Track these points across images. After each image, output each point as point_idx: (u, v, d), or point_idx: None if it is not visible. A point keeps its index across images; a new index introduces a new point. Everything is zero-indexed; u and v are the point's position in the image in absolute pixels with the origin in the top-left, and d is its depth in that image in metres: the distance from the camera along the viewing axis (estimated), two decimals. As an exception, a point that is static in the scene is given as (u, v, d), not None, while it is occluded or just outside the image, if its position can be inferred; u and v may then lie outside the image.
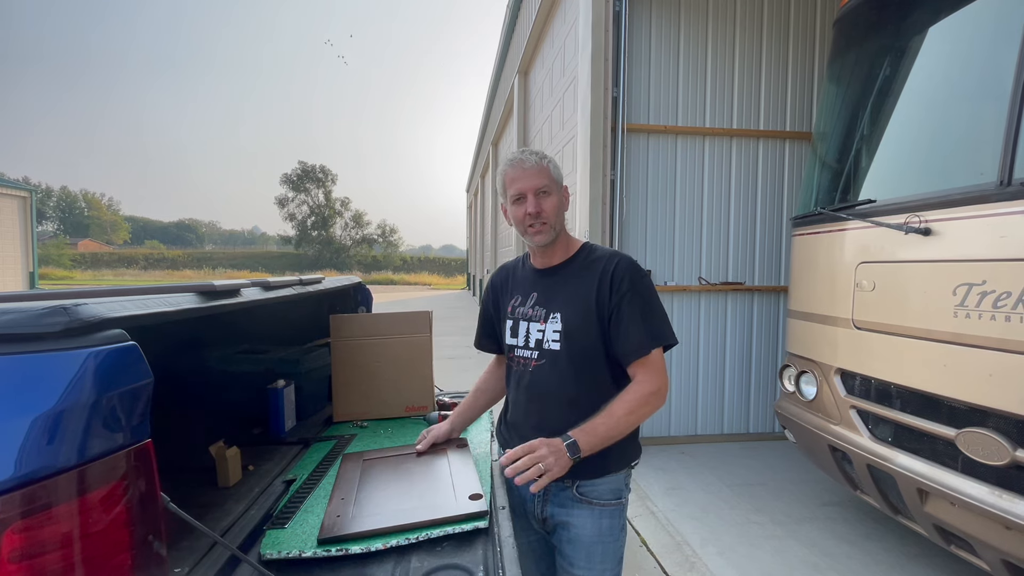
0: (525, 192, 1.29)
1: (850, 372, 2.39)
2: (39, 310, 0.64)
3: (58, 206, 75.15)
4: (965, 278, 1.85)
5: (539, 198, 1.29)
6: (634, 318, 1.27)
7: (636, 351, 1.26)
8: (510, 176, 1.31)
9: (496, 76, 11.50)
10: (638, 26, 3.88)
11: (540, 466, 1.12)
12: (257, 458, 1.55)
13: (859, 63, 2.63)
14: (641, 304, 1.28)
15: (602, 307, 1.29)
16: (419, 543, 1.10)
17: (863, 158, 2.52)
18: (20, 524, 0.58)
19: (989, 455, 1.75)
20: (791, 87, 4.08)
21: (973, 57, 2.07)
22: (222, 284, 1.10)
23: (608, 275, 1.30)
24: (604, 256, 1.35)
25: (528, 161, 1.30)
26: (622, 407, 1.24)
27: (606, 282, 1.29)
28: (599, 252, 1.37)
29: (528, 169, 1.29)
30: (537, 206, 1.28)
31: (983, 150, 1.90)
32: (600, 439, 1.21)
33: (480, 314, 1.61)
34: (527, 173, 1.29)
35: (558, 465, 1.14)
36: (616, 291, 1.28)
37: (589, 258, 1.37)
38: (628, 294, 1.28)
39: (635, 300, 1.28)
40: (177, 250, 60.80)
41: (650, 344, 1.26)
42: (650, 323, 1.28)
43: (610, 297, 1.28)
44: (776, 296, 4.13)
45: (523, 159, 1.30)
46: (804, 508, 3.02)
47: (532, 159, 1.30)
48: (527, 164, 1.29)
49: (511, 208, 1.34)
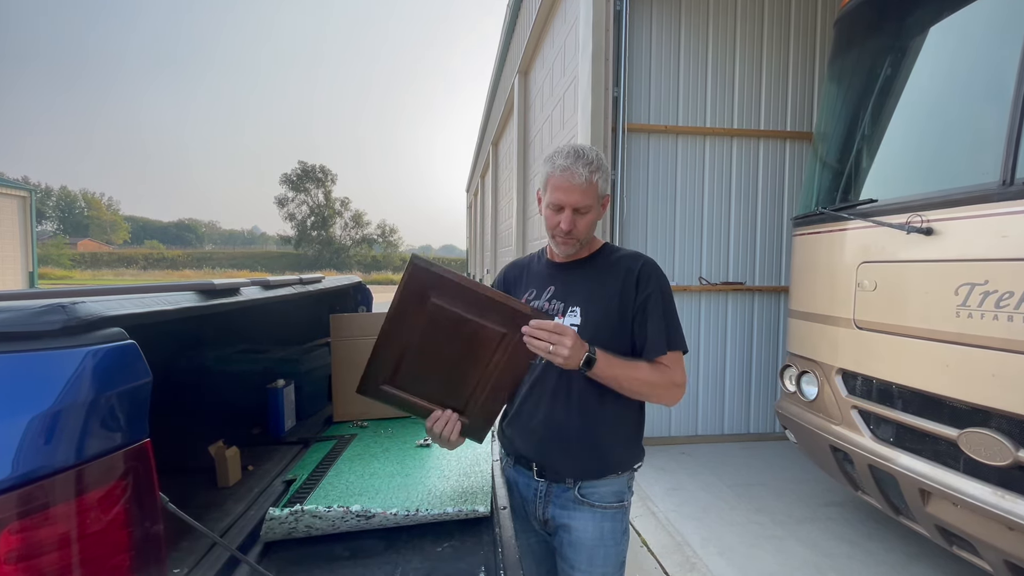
0: (565, 206, 1.25)
1: (851, 372, 2.39)
2: (36, 308, 0.63)
3: (57, 206, 75.11)
4: (967, 278, 1.84)
5: (576, 216, 1.25)
6: (657, 319, 1.27)
7: (658, 349, 1.26)
8: (556, 183, 1.24)
9: (496, 76, 11.49)
10: (639, 26, 3.88)
11: (552, 349, 1.08)
12: (257, 458, 1.55)
13: (860, 63, 2.62)
14: (663, 306, 1.29)
15: (626, 306, 1.28)
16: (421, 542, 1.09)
17: (864, 158, 2.51)
18: (17, 524, 0.57)
19: (991, 456, 1.75)
20: (792, 87, 4.07)
21: (974, 56, 2.07)
22: (221, 283, 1.09)
23: (634, 274, 1.29)
24: (628, 256, 1.34)
25: (579, 176, 1.21)
26: (647, 372, 1.24)
27: (632, 281, 1.29)
28: (622, 252, 1.36)
29: (576, 185, 1.22)
30: (571, 224, 1.25)
31: (985, 150, 1.90)
32: (612, 378, 1.20)
33: None
34: (574, 188, 1.22)
35: (568, 362, 1.11)
36: (642, 291, 1.28)
37: (612, 257, 1.35)
38: (653, 295, 1.28)
39: (659, 302, 1.28)
40: (177, 250, 60.80)
41: (671, 343, 1.27)
42: (670, 325, 1.29)
43: (636, 295, 1.28)
44: (777, 296, 4.13)
45: (574, 171, 1.22)
46: (805, 508, 3.02)
47: (583, 175, 1.21)
48: (576, 179, 1.22)
49: (547, 209, 1.30)
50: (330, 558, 1.07)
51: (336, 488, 1.30)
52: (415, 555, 1.08)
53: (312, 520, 1.10)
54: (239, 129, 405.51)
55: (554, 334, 1.09)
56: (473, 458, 1.51)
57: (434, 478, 1.37)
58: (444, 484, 1.33)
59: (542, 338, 1.08)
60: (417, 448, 1.60)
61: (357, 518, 1.11)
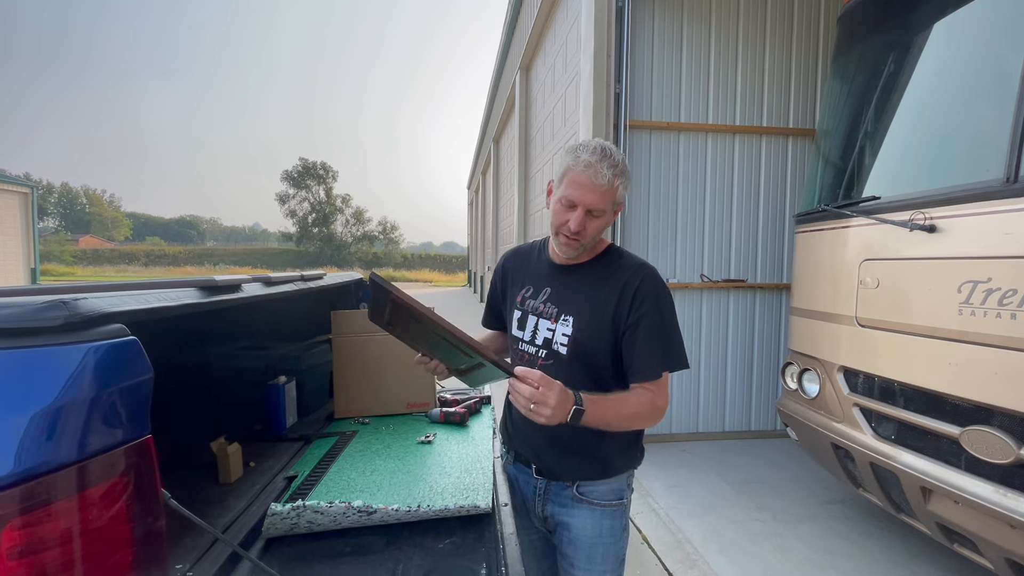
0: (579, 204, 1.17)
1: (853, 370, 2.38)
2: (38, 304, 0.63)
3: (59, 202, 75.19)
4: (970, 275, 1.84)
5: (588, 218, 1.18)
6: (650, 338, 1.20)
7: (646, 372, 1.20)
8: (575, 177, 1.16)
9: (497, 72, 11.46)
10: (641, 22, 3.86)
11: (532, 408, 0.99)
12: (258, 454, 1.55)
13: (864, 59, 2.61)
14: (660, 326, 1.21)
15: (618, 322, 1.22)
16: (423, 539, 1.09)
17: (867, 155, 2.50)
18: (20, 520, 0.58)
19: (994, 453, 1.74)
20: (795, 83, 4.05)
21: (979, 53, 2.06)
22: (223, 279, 1.09)
23: (631, 290, 1.22)
24: (630, 266, 1.26)
25: (602, 176, 1.14)
26: (634, 404, 1.17)
27: (627, 297, 1.22)
28: (625, 260, 1.29)
29: (597, 185, 1.14)
30: (581, 225, 1.17)
31: (989, 147, 1.89)
32: (601, 421, 1.11)
33: (488, 295, 1.56)
34: (594, 188, 1.15)
35: (551, 421, 1.01)
36: (636, 310, 1.21)
37: (613, 264, 1.28)
38: (648, 315, 1.20)
39: (655, 321, 1.21)
40: (178, 246, 60.85)
41: (662, 367, 1.20)
42: (666, 347, 1.22)
43: (628, 314, 1.21)
44: (778, 294, 4.12)
45: (598, 170, 1.14)
46: (806, 506, 3.02)
47: (606, 176, 1.14)
48: (599, 179, 1.14)
49: (557, 203, 1.22)
50: (332, 554, 1.07)
51: (338, 484, 1.30)
52: (416, 552, 1.08)
53: (314, 516, 1.10)
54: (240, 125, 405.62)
55: (536, 392, 0.98)
56: (474, 455, 1.51)
57: (435, 474, 1.37)
58: (445, 480, 1.33)
59: (527, 398, 0.99)
60: (418, 445, 1.60)
61: (358, 514, 1.12)
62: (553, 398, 0.99)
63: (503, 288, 1.48)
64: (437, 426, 1.79)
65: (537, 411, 0.99)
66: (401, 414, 1.91)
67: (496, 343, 1.56)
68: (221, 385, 1.68)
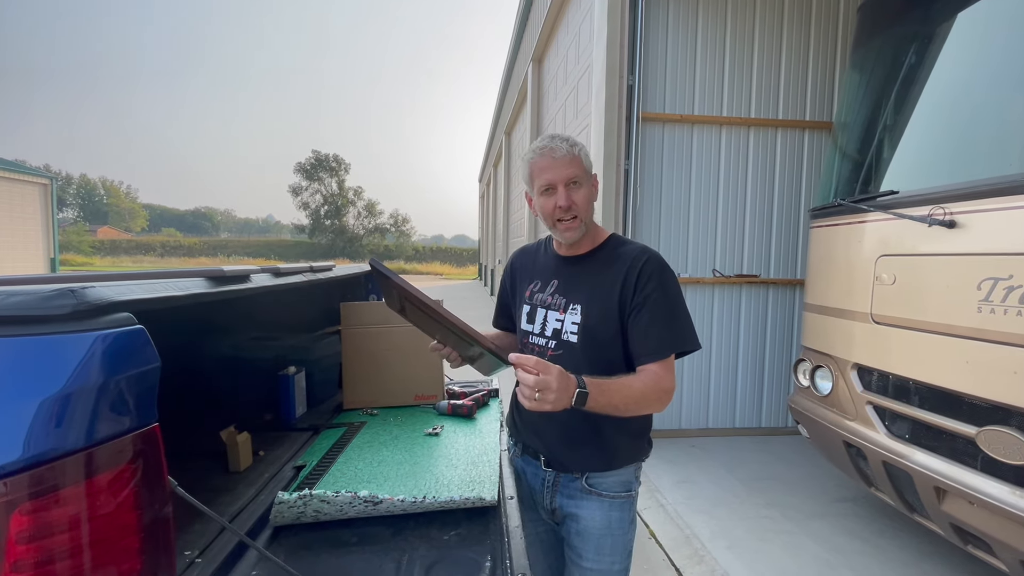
0: (555, 183, 1.21)
1: (867, 367, 2.35)
2: (46, 292, 0.63)
3: (78, 193, 76.38)
4: (991, 272, 1.79)
5: (570, 190, 1.21)
6: (656, 320, 1.20)
7: (654, 353, 1.19)
8: (539, 165, 1.23)
9: (510, 64, 11.40)
10: (655, 12, 3.80)
11: (537, 396, 0.98)
12: (267, 444, 1.57)
13: (884, 50, 2.55)
14: (666, 306, 1.21)
15: (624, 304, 1.23)
16: (428, 530, 1.10)
17: (886, 148, 2.45)
18: (28, 506, 0.58)
19: (1011, 454, 1.71)
20: (812, 75, 3.97)
21: (1003, 43, 2.00)
22: (231, 269, 1.10)
23: (635, 272, 1.23)
24: (632, 251, 1.27)
25: (559, 149, 1.20)
26: (640, 386, 1.14)
27: (631, 280, 1.22)
28: (628, 246, 1.30)
29: (559, 159, 1.20)
30: (568, 199, 1.21)
31: (1012, 140, 1.84)
32: (607, 404, 1.09)
33: (499, 295, 1.58)
34: (558, 163, 1.20)
35: (557, 405, 1.00)
36: (640, 291, 1.21)
37: (617, 251, 1.30)
38: (653, 295, 1.21)
39: (660, 301, 1.21)
40: (193, 238, 61.62)
41: (670, 348, 1.20)
42: (673, 327, 1.21)
43: (633, 295, 1.22)
44: (792, 289, 4.07)
45: (553, 147, 1.21)
46: (816, 504, 2.99)
47: (563, 147, 1.21)
48: (558, 153, 1.20)
49: (538, 199, 1.26)
50: (338, 544, 1.08)
51: (345, 474, 1.31)
52: (422, 543, 1.09)
53: (320, 504, 1.11)
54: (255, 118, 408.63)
55: (539, 380, 0.97)
56: (481, 447, 1.51)
57: (442, 466, 1.37)
58: (452, 472, 1.33)
59: (531, 386, 0.97)
60: (426, 436, 1.61)
61: (364, 503, 1.12)
62: (554, 381, 0.98)
63: (512, 286, 1.50)
64: (445, 418, 1.79)
65: (542, 397, 0.98)
66: (409, 406, 1.91)
67: (504, 341, 1.56)
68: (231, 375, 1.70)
